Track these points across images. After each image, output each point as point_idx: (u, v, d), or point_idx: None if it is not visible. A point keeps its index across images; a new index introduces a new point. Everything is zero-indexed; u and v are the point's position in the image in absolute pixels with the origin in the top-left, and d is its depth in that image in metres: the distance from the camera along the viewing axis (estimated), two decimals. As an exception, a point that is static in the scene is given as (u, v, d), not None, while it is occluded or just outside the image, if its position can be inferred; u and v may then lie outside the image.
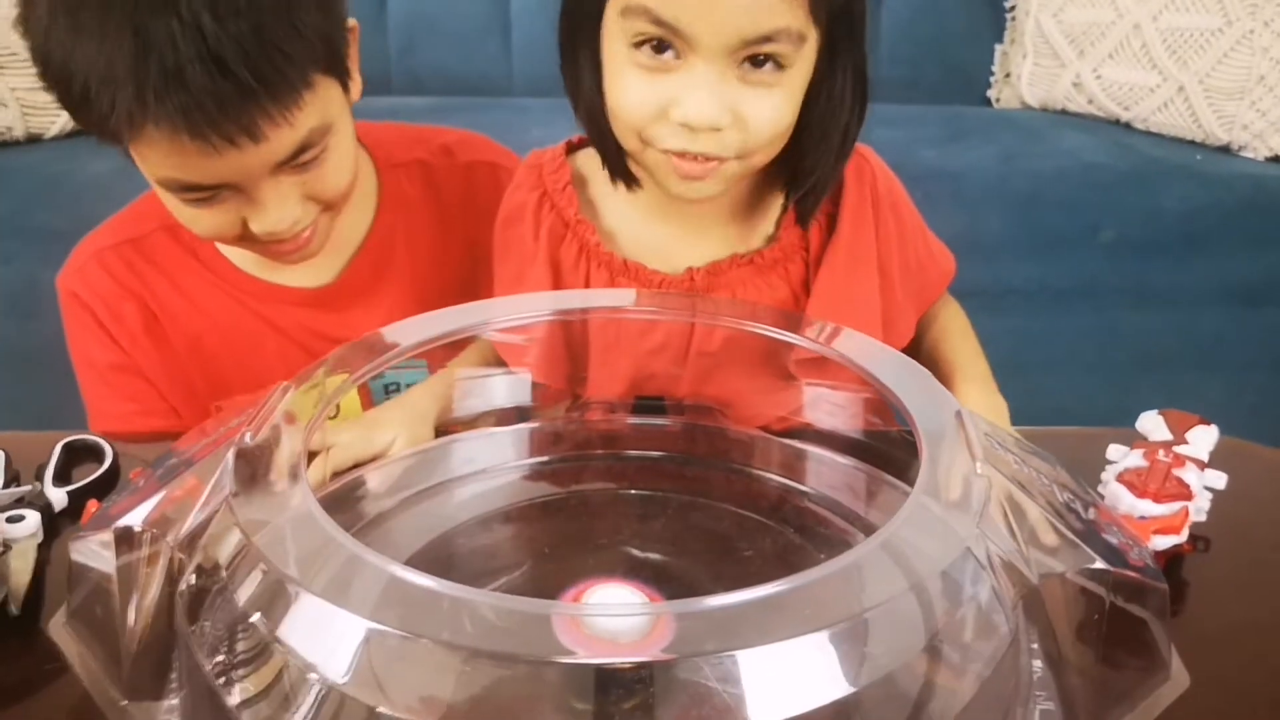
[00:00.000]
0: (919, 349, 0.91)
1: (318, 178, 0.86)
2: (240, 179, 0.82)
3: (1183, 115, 1.80)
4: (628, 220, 0.85)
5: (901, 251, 0.86)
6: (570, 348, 0.82)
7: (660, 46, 0.72)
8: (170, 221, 0.95)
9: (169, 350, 1.00)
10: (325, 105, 0.83)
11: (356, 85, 0.90)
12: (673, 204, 0.81)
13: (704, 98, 0.71)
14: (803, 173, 0.79)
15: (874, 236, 0.84)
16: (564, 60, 0.79)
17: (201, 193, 0.83)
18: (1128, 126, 1.88)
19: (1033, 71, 1.96)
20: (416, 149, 1.05)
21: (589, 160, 0.85)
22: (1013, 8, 2.03)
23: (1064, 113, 1.95)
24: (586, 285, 0.84)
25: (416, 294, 1.01)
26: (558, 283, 0.84)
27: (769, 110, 0.73)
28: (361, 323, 0.95)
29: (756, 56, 0.71)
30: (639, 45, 0.72)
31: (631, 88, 0.73)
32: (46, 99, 1.09)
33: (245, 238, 0.87)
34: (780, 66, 0.72)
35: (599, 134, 0.80)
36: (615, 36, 0.73)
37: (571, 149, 0.88)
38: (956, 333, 0.92)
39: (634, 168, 0.80)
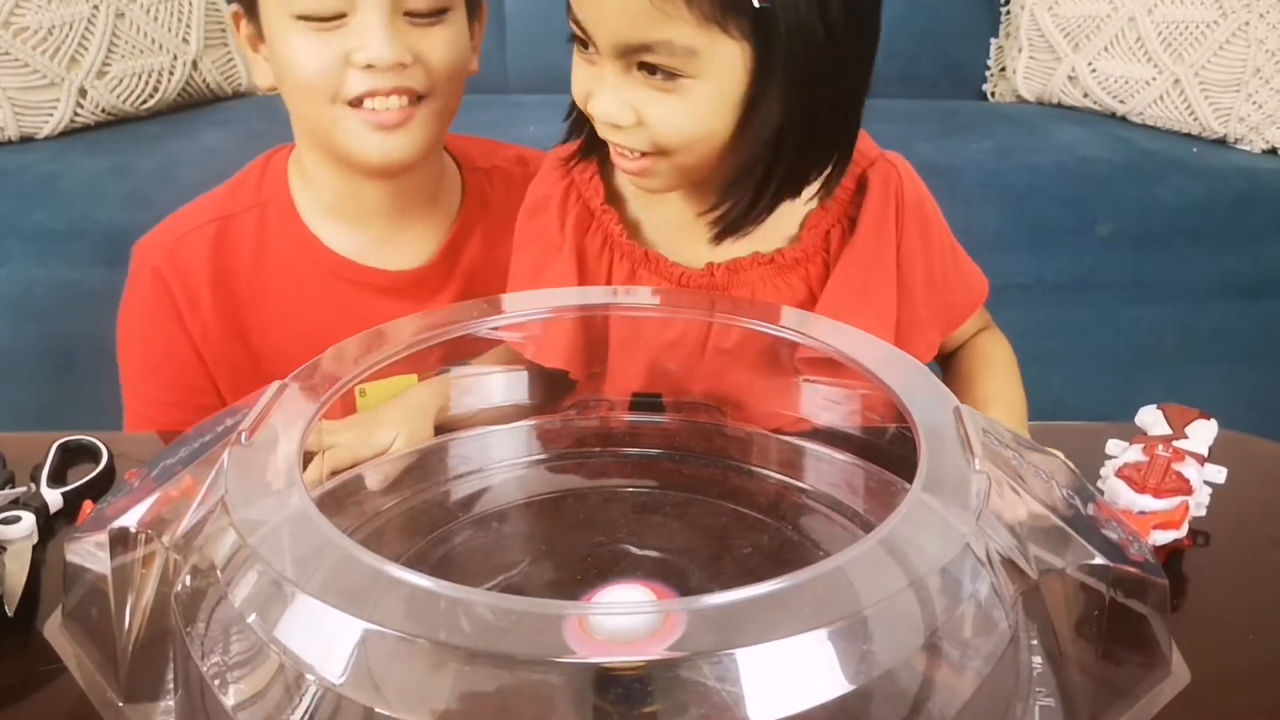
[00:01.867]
0: (955, 376, 0.90)
1: (430, 42, 0.92)
2: None
3: (1178, 108, 1.80)
4: (652, 212, 0.86)
5: (927, 266, 0.85)
6: (590, 340, 0.82)
7: (585, 42, 0.74)
8: (262, 200, 1.02)
9: (237, 339, 1.02)
10: None
11: (477, 48, 0.99)
12: (692, 199, 0.82)
13: (606, 94, 0.74)
14: (724, 187, 0.78)
15: (894, 245, 0.84)
16: None
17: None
18: (1124, 120, 1.88)
19: (1028, 65, 1.96)
20: (495, 158, 1.10)
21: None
22: (1007, 2, 2.03)
23: (1060, 106, 1.95)
24: (609, 275, 0.85)
25: (490, 291, 1.03)
26: (582, 272, 0.84)
27: (668, 114, 0.73)
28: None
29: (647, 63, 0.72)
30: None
31: (576, 77, 0.77)
32: (40, 98, 1.09)
33: (339, 97, 0.91)
34: (672, 75, 0.72)
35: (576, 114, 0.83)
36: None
37: None
38: (999, 363, 0.90)
39: None
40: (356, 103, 0.92)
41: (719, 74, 0.72)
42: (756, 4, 0.69)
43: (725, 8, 0.69)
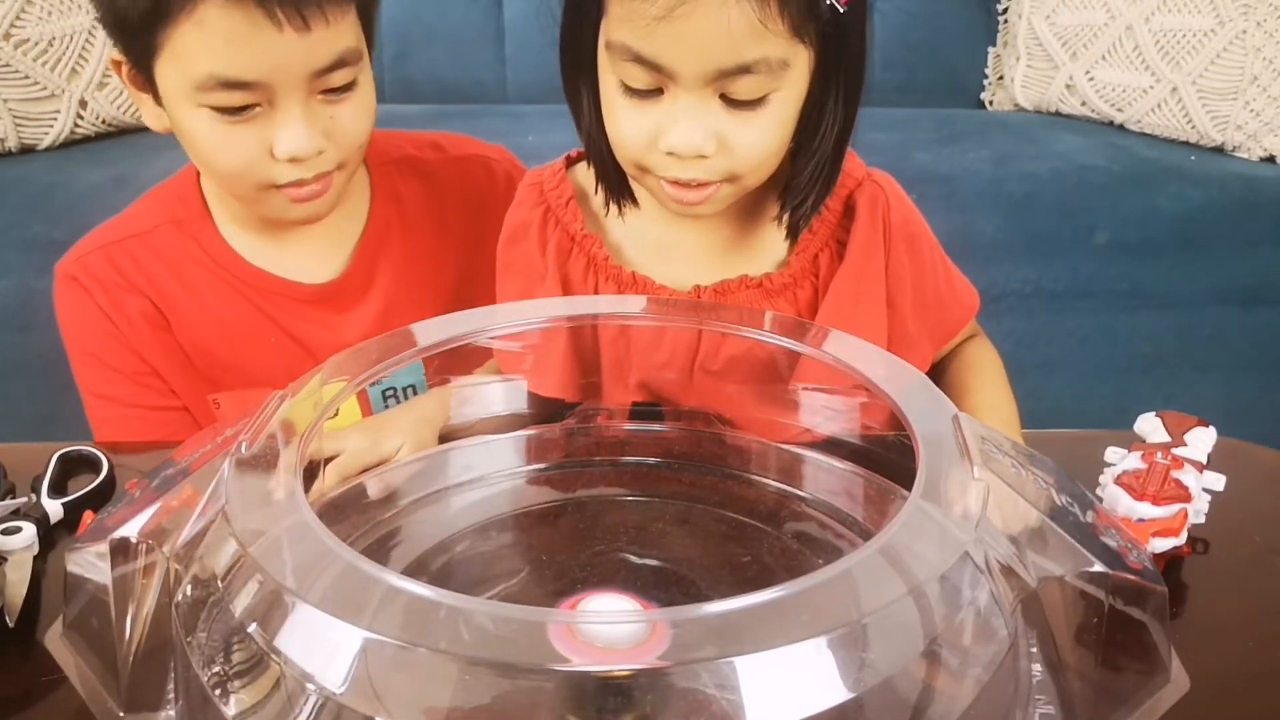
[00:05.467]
0: (944, 386, 0.90)
1: (343, 116, 0.89)
2: (279, 80, 0.84)
3: (1176, 116, 1.81)
4: (635, 234, 0.86)
5: (917, 285, 0.86)
6: (582, 362, 0.83)
7: (648, 88, 0.73)
8: (177, 216, 1.00)
9: (171, 343, 1.01)
10: (357, 35, 0.88)
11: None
12: (679, 220, 0.82)
13: (688, 127, 0.72)
14: (795, 189, 0.80)
15: (883, 268, 0.84)
16: (566, 92, 0.81)
17: (238, 94, 0.84)
18: (1121, 128, 1.88)
19: (1026, 74, 1.97)
20: (405, 147, 1.08)
21: (590, 174, 0.85)
22: (1005, 10, 2.03)
23: (1058, 115, 1.95)
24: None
25: (416, 288, 1.04)
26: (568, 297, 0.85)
27: (755, 135, 0.74)
28: (363, 319, 1.00)
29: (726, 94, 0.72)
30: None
31: (623, 118, 0.75)
32: (40, 109, 1.09)
33: (263, 184, 0.88)
34: (762, 95, 0.72)
35: (599, 159, 0.81)
36: (606, 70, 0.75)
37: (570, 163, 0.88)
38: (987, 372, 0.90)
39: (636, 188, 0.82)
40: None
41: (794, 84, 0.74)
42: (841, 8, 0.71)
43: (808, 14, 0.70)
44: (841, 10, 0.72)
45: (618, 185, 0.82)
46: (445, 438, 0.79)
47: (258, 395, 0.91)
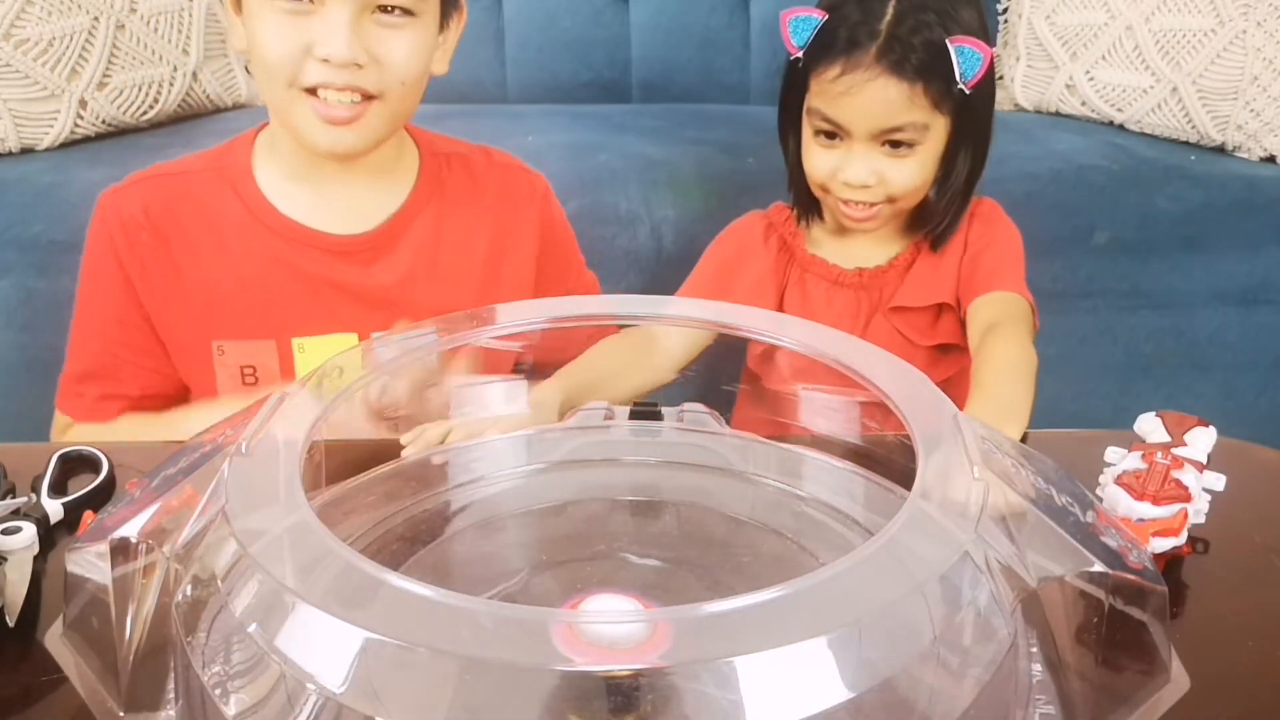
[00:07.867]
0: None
1: (393, 44, 0.96)
2: None
3: (1176, 116, 1.81)
4: (825, 238, 1.21)
5: (988, 248, 1.15)
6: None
7: (831, 134, 1.10)
8: (220, 165, 1.08)
9: (177, 287, 1.06)
10: None
11: (448, 50, 1.06)
12: (847, 229, 1.17)
13: (858, 166, 1.09)
14: (935, 216, 1.14)
15: (963, 241, 1.16)
16: (780, 139, 1.18)
17: None
18: (1121, 128, 1.88)
19: (1026, 74, 1.97)
20: (457, 146, 1.16)
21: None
22: (1005, 10, 2.03)
23: (1057, 115, 1.95)
24: (785, 273, 1.20)
25: (439, 265, 1.10)
26: (776, 275, 1.20)
27: (905, 172, 1.10)
28: (382, 280, 1.07)
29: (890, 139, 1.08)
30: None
31: (816, 157, 1.13)
32: (40, 109, 1.12)
33: (293, 81, 0.95)
34: (910, 145, 1.08)
35: (796, 186, 1.19)
36: (807, 124, 1.12)
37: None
38: (1000, 360, 1.01)
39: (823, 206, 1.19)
40: (311, 90, 0.96)
41: (934, 139, 1.09)
42: (967, 91, 1.06)
43: (944, 94, 1.07)
44: (968, 93, 1.06)
45: (807, 205, 1.19)
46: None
47: (262, 345, 0.89)
